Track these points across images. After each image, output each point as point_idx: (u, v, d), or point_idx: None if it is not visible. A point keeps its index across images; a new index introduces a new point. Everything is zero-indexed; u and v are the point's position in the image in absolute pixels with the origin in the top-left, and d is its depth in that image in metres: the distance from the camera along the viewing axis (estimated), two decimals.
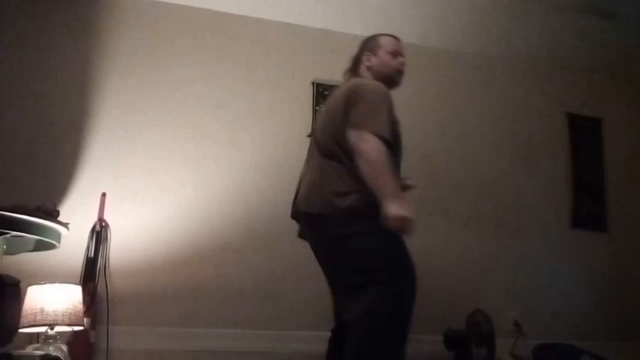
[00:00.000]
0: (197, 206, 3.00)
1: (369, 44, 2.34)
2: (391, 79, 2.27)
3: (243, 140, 3.18)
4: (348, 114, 2.04)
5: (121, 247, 2.80)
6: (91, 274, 2.63)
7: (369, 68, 2.29)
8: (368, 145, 1.95)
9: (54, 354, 2.13)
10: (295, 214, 2.21)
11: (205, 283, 2.90)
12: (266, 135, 3.20)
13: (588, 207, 3.75)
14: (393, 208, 1.86)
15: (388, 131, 2.01)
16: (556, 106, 3.87)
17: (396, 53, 2.30)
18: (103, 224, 2.74)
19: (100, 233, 2.72)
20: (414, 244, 2.08)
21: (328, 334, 2.19)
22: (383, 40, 2.32)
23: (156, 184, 2.98)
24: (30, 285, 2.25)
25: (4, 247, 2.27)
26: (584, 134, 3.87)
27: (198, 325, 2.85)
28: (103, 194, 2.79)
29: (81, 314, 2.28)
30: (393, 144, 2.04)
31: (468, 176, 3.53)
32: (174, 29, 3.22)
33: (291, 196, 2.22)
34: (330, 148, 2.10)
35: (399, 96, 3.08)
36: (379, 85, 2.15)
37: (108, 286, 2.69)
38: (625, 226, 3.77)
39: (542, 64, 3.88)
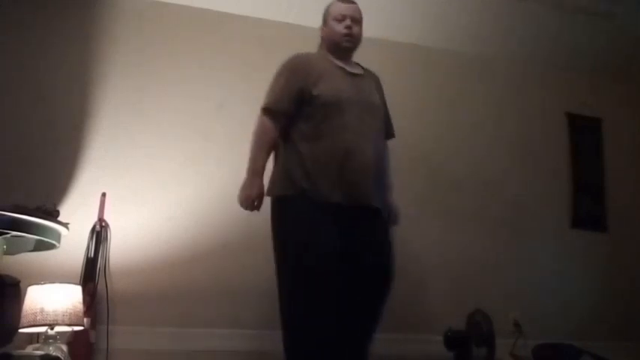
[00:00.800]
0: (197, 206, 3.00)
1: (323, 16, 2.36)
2: (338, 44, 2.28)
3: (243, 140, 3.14)
4: None
5: (121, 247, 2.80)
6: (91, 274, 2.63)
7: (322, 40, 2.34)
8: (258, 120, 2.18)
9: (54, 354, 2.13)
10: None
11: (205, 283, 2.90)
12: None
13: (588, 207, 3.75)
14: (243, 184, 2.10)
15: (279, 104, 2.13)
16: (556, 106, 3.87)
17: (341, 18, 2.27)
18: (103, 224, 2.74)
19: (100, 233, 2.72)
20: (414, 244, 2.09)
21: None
22: (331, 8, 2.33)
23: (156, 184, 2.98)
24: (30, 285, 2.25)
25: (4, 247, 2.27)
26: (584, 134, 3.87)
27: (198, 325, 2.85)
28: (103, 194, 2.79)
29: (81, 314, 2.28)
30: (307, 110, 2.11)
31: (468, 176, 3.53)
32: (174, 29, 3.22)
33: None
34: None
35: (400, 96, 3.10)
36: (288, 59, 2.24)
37: (108, 286, 2.69)
38: (625, 226, 3.77)
39: (542, 64, 3.88)
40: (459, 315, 2.98)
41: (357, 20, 2.30)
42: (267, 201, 2.23)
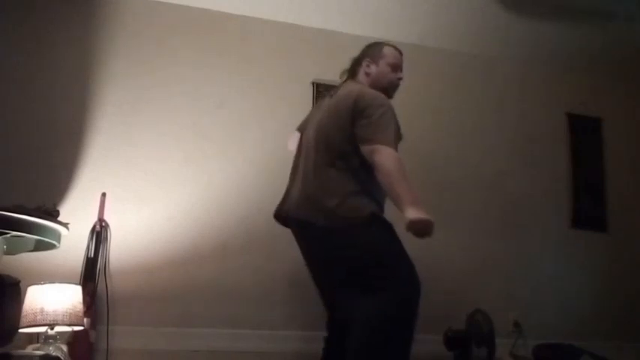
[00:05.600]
0: (197, 206, 3.00)
1: (371, 51, 2.36)
2: (385, 91, 2.28)
3: (243, 140, 3.18)
4: (357, 124, 2.08)
5: (121, 247, 2.80)
6: (91, 274, 2.63)
7: (367, 75, 2.31)
8: (383, 157, 2.00)
9: (54, 354, 2.13)
10: (281, 216, 2.24)
11: (205, 283, 2.90)
12: (266, 135, 3.20)
13: (588, 207, 3.75)
14: (414, 213, 1.93)
15: (397, 141, 2.07)
16: (556, 106, 3.87)
17: (396, 67, 2.33)
18: (103, 224, 2.74)
19: (100, 233, 2.72)
20: (414, 243, 2.08)
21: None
22: (386, 51, 2.34)
23: (156, 184, 2.98)
24: (30, 285, 2.25)
25: (4, 247, 2.27)
26: (584, 134, 3.87)
27: (198, 325, 2.85)
28: (103, 194, 2.79)
29: (81, 314, 2.27)
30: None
31: (468, 176, 3.53)
32: (174, 29, 3.22)
33: None
34: (329, 151, 2.11)
35: (399, 96, 3.08)
36: (384, 97, 2.18)
37: (108, 286, 2.69)
38: (625, 226, 3.77)
39: (542, 64, 3.88)
40: (459, 315, 2.98)
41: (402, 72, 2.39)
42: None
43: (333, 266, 2.12)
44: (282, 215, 2.25)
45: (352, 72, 2.36)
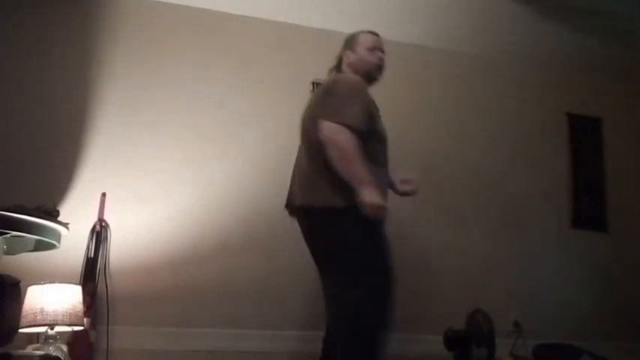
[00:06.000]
0: (197, 206, 3.00)
1: (348, 42, 2.40)
2: (369, 74, 2.31)
3: (243, 140, 3.18)
4: (320, 104, 2.12)
5: (121, 247, 2.80)
6: (91, 274, 2.63)
7: (349, 65, 2.34)
8: (337, 136, 1.99)
9: (54, 354, 2.13)
10: (287, 205, 2.29)
11: (205, 283, 2.90)
12: (266, 135, 3.20)
13: (588, 207, 3.75)
14: (368, 196, 1.92)
15: (360, 122, 2.04)
16: (556, 106, 3.87)
17: (373, 49, 2.33)
18: (103, 224, 2.74)
19: (100, 233, 2.72)
20: (414, 243, 2.09)
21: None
22: (361, 37, 2.37)
23: (156, 184, 2.98)
24: (30, 285, 2.25)
25: (4, 247, 2.27)
26: (584, 134, 3.87)
27: (198, 325, 2.85)
28: (103, 194, 2.79)
29: (81, 314, 2.27)
30: (370, 135, 2.08)
31: (468, 176, 3.53)
32: (174, 29, 3.22)
33: None
34: (309, 143, 2.16)
35: (400, 96, 3.09)
36: (354, 78, 2.21)
37: (108, 286, 2.69)
38: (625, 226, 3.77)
39: (542, 64, 3.88)
40: (459, 315, 2.98)
41: (384, 52, 2.38)
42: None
43: (316, 253, 2.18)
44: (287, 204, 2.29)
45: (337, 67, 2.40)
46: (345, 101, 2.06)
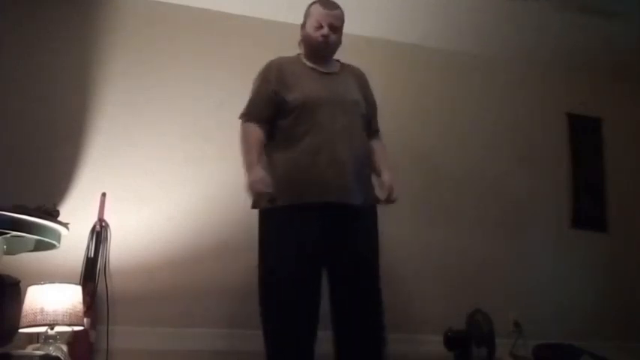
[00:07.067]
0: (197, 206, 3.00)
1: (304, 15, 2.34)
2: (313, 51, 2.30)
3: None
4: None
5: (121, 247, 2.80)
6: (91, 274, 2.63)
7: (299, 43, 2.37)
8: (240, 129, 2.24)
9: (54, 354, 2.13)
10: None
11: (205, 283, 2.90)
12: None
13: (588, 207, 3.75)
14: (246, 179, 2.06)
15: (253, 109, 2.22)
16: (556, 106, 3.87)
17: (320, 25, 2.25)
18: (103, 224, 2.74)
19: (100, 233, 2.72)
20: (414, 243, 2.09)
21: (327, 333, 2.19)
22: (312, 9, 2.30)
23: (156, 184, 2.98)
24: (30, 285, 2.25)
25: (4, 247, 2.27)
26: (584, 134, 3.87)
27: (198, 325, 2.85)
28: (103, 194, 2.79)
29: (81, 314, 2.27)
30: (282, 113, 2.16)
31: (468, 176, 3.53)
32: (174, 29, 3.22)
33: None
34: None
35: (400, 96, 3.09)
36: (265, 66, 2.32)
37: (108, 286, 2.69)
38: (625, 226, 3.77)
39: (542, 64, 3.88)
40: (459, 315, 2.98)
41: (337, 28, 2.29)
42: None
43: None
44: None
45: None
46: (252, 93, 2.28)
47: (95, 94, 3.02)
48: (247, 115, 2.24)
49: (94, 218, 2.74)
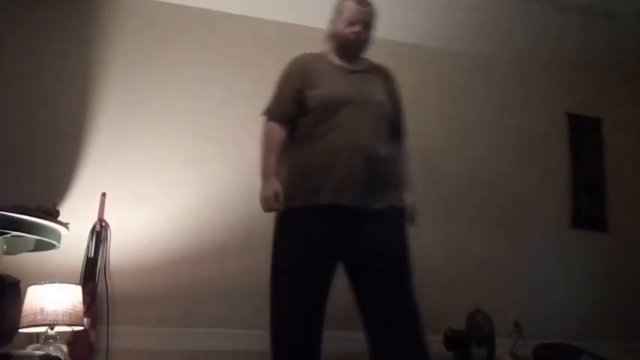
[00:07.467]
0: (197, 206, 3.00)
1: (334, 10, 2.26)
2: (344, 48, 2.22)
3: (243, 140, 3.17)
4: None
5: (121, 247, 2.80)
6: (91, 274, 2.63)
7: (327, 39, 2.28)
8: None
9: (54, 354, 2.13)
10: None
11: (205, 283, 2.90)
12: None
13: (588, 207, 3.75)
14: (261, 190, 2.06)
15: (275, 110, 2.17)
16: (556, 106, 3.87)
17: (352, 22, 2.18)
18: (103, 224, 2.74)
19: (100, 233, 2.72)
20: (414, 243, 2.09)
21: (328, 333, 2.18)
22: (342, 5, 2.23)
23: (156, 184, 2.98)
24: (30, 285, 2.25)
25: (4, 247, 2.27)
26: (584, 134, 3.87)
27: (198, 325, 2.85)
28: (103, 194, 2.79)
29: (81, 314, 2.27)
30: (304, 111, 2.10)
31: (468, 176, 3.53)
32: (174, 29, 3.23)
33: None
34: None
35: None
36: (289, 62, 2.24)
37: (108, 286, 2.69)
38: (625, 226, 3.77)
39: (542, 64, 3.88)
40: (459, 315, 2.98)
41: (369, 25, 2.23)
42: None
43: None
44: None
45: None
46: (275, 91, 2.22)
47: (95, 94, 3.02)
48: (271, 114, 2.17)
49: (94, 218, 2.74)
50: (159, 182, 2.98)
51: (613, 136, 3.92)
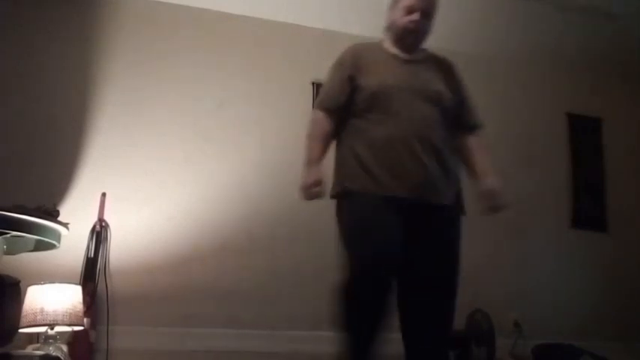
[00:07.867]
0: (197, 206, 3.00)
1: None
2: (400, 38, 2.10)
3: (243, 140, 3.18)
4: None
5: (121, 247, 2.80)
6: (91, 274, 2.63)
7: (388, 28, 2.16)
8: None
9: (54, 354, 2.13)
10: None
11: (205, 283, 2.90)
12: (266, 135, 3.20)
13: (588, 207, 3.75)
14: (302, 177, 1.90)
15: (327, 100, 2.05)
16: (556, 106, 3.87)
17: (410, 10, 2.07)
18: (103, 224, 2.74)
19: (100, 233, 2.72)
20: None
21: (328, 334, 2.18)
22: None
23: (156, 184, 2.98)
24: (30, 285, 2.25)
25: (4, 247, 2.27)
26: (584, 134, 3.87)
27: (198, 325, 2.85)
28: (103, 194, 2.79)
29: (81, 314, 2.28)
30: (354, 104, 2.00)
31: None
32: (174, 29, 3.23)
33: (291, 196, 2.22)
34: None
35: None
36: (344, 52, 2.14)
37: (108, 286, 2.69)
38: (625, 226, 3.77)
39: (542, 64, 3.88)
40: (459, 315, 2.96)
41: (429, 14, 2.12)
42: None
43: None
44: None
45: None
46: (326, 81, 2.12)
47: (95, 94, 3.02)
48: (319, 103, 2.08)
49: (94, 218, 2.74)
50: (159, 182, 2.98)
51: (613, 136, 3.92)
